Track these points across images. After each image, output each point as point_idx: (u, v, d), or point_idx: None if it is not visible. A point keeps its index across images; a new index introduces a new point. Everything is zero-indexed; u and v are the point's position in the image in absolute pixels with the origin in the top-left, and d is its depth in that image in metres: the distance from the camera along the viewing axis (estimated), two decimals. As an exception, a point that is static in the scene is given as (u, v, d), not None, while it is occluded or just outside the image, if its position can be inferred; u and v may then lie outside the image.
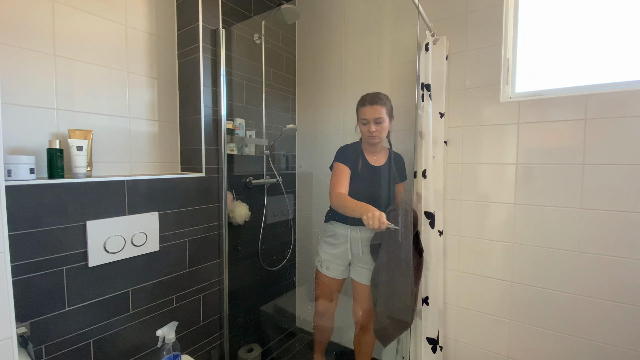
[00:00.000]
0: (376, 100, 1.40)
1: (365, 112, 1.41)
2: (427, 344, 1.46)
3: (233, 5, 1.68)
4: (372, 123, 1.40)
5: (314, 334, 1.73)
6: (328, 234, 1.56)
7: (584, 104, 1.24)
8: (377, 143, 1.47)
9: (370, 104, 1.40)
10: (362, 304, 1.52)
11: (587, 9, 1.29)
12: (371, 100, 1.41)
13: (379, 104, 1.39)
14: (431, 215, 1.44)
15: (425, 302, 1.45)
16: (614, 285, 1.22)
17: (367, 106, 1.41)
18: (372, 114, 1.40)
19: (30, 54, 0.99)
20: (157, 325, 1.15)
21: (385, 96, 1.43)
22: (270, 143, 1.90)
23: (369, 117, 1.40)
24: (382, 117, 1.39)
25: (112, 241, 1.03)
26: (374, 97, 1.41)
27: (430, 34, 1.44)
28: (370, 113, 1.40)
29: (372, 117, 1.40)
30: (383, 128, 1.41)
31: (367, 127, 1.42)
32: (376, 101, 1.40)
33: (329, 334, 1.71)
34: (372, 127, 1.40)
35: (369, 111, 1.40)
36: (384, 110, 1.40)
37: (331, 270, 1.54)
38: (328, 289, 1.57)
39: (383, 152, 1.52)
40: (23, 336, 0.85)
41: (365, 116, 1.41)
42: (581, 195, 1.26)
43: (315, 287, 1.62)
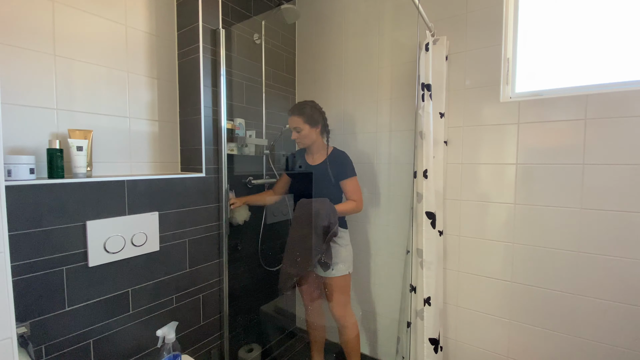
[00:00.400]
0: (294, 110, 1.56)
1: (288, 121, 1.58)
2: (430, 344, 1.46)
3: (233, 5, 1.68)
4: (293, 131, 1.56)
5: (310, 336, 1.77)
6: None
7: (584, 104, 1.24)
8: (303, 147, 1.64)
9: (290, 114, 1.57)
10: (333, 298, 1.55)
11: (587, 9, 1.29)
12: (291, 110, 1.57)
13: (295, 115, 1.54)
14: (432, 215, 1.44)
15: (427, 303, 1.45)
16: (613, 285, 1.22)
17: (289, 116, 1.57)
18: (291, 123, 1.57)
19: (30, 54, 0.99)
20: (157, 325, 1.15)
21: (305, 106, 1.56)
22: (270, 143, 1.90)
23: (290, 126, 1.58)
24: (298, 127, 1.53)
25: (112, 241, 1.03)
26: (293, 108, 1.58)
27: (430, 34, 1.44)
28: (290, 122, 1.57)
29: (291, 126, 1.57)
30: (303, 135, 1.55)
31: (292, 135, 1.59)
32: (293, 112, 1.56)
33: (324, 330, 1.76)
34: (293, 135, 1.58)
35: (289, 120, 1.57)
36: (302, 120, 1.53)
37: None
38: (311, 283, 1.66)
39: (320, 152, 1.61)
40: (23, 336, 0.85)
41: (289, 124, 1.59)
42: (581, 195, 1.26)
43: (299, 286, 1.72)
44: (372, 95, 1.80)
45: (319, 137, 1.60)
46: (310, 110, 1.54)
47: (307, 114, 1.53)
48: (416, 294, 1.50)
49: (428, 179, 1.43)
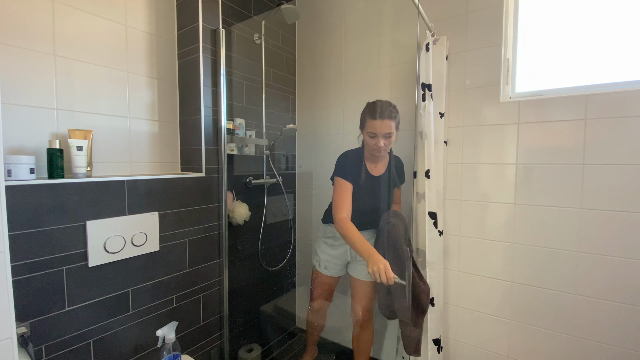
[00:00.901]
0: (387, 114, 1.31)
1: (375, 126, 1.32)
2: (433, 345, 1.46)
3: (233, 5, 1.68)
4: (381, 137, 1.32)
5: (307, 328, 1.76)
6: (327, 235, 1.56)
7: (584, 104, 1.24)
8: (383, 156, 1.44)
9: (381, 118, 1.31)
10: (362, 301, 1.53)
11: (587, 9, 1.29)
12: (382, 113, 1.31)
13: (389, 118, 1.31)
14: (434, 215, 1.44)
15: (431, 304, 1.45)
16: (613, 285, 1.22)
17: (378, 120, 1.31)
18: (382, 129, 1.31)
19: (30, 54, 0.99)
20: (157, 325, 1.15)
21: (395, 108, 1.36)
22: (270, 143, 1.90)
23: (378, 132, 1.32)
24: (392, 132, 1.32)
25: (112, 241, 1.03)
26: (384, 111, 1.32)
27: (430, 34, 1.44)
28: (380, 127, 1.31)
29: (381, 131, 1.32)
30: (391, 142, 1.36)
31: (375, 141, 1.33)
32: (387, 115, 1.31)
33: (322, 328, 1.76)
34: (380, 142, 1.32)
35: (378, 125, 1.31)
36: (394, 124, 1.33)
37: (329, 270, 1.55)
38: (326, 287, 1.59)
39: (384, 160, 1.47)
40: (23, 336, 0.85)
41: (374, 130, 1.32)
42: (581, 195, 1.26)
43: (312, 285, 1.63)
44: (372, 95, 1.80)
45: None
46: (398, 113, 1.35)
47: (399, 118, 1.35)
48: (416, 294, 1.50)
49: (430, 179, 1.43)
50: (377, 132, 1.32)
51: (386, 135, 1.32)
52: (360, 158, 1.45)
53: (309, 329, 1.76)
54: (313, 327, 1.75)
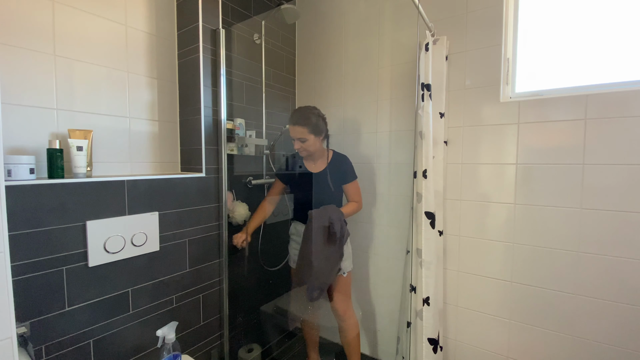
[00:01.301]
0: (297, 120, 1.46)
1: (290, 130, 1.49)
2: (429, 344, 1.46)
3: (233, 5, 1.68)
4: (297, 141, 1.48)
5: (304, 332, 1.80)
6: (292, 232, 1.69)
7: (584, 104, 1.24)
8: (306, 156, 1.57)
9: (292, 123, 1.47)
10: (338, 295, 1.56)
11: (587, 9, 1.29)
12: (294, 119, 1.46)
13: (299, 125, 1.45)
14: (432, 215, 1.44)
15: (425, 303, 1.45)
16: (613, 285, 1.22)
17: (290, 125, 1.48)
18: (294, 134, 1.47)
19: (30, 54, 0.99)
20: (157, 325, 1.15)
21: (310, 114, 1.47)
22: (270, 143, 1.90)
23: (292, 136, 1.49)
24: (303, 137, 1.46)
25: (112, 241, 1.03)
26: (297, 117, 1.46)
27: (430, 34, 1.44)
28: (292, 132, 1.48)
29: (294, 136, 1.48)
30: (308, 145, 1.48)
31: (294, 144, 1.50)
32: (297, 121, 1.45)
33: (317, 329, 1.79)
34: (296, 145, 1.50)
35: (292, 130, 1.48)
36: (307, 130, 1.45)
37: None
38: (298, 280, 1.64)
39: (322, 159, 1.58)
40: (23, 336, 0.85)
41: (291, 134, 1.49)
42: (581, 195, 1.26)
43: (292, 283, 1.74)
44: (372, 95, 1.80)
45: (322, 144, 1.56)
46: (315, 119, 1.47)
47: (313, 124, 1.46)
48: (416, 294, 1.50)
49: (427, 179, 1.43)
50: (293, 136, 1.49)
51: (300, 140, 1.48)
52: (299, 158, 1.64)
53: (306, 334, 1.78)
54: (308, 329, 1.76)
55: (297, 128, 1.46)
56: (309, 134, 1.46)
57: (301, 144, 1.49)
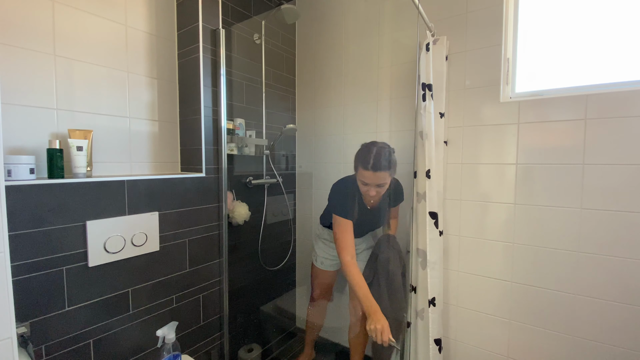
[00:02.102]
0: (380, 166, 1.24)
1: (366, 176, 1.27)
2: (435, 345, 1.46)
3: (233, 5, 1.68)
4: (374, 187, 1.28)
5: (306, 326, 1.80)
6: (324, 237, 1.64)
7: (584, 104, 1.24)
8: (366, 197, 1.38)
9: (373, 170, 1.25)
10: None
11: (587, 9, 1.29)
12: (375, 165, 1.24)
13: (383, 170, 1.25)
14: (435, 215, 1.44)
15: (432, 304, 1.45)
16: (613, 285, 1.22)
17: (370, 171, 1.25)
18: (373, 180, 1.27)
19: (30, 54, 0.99)
20: (157, 325, 1.15)
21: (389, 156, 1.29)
22: (270, 143, 1.90)
23: (370, 182, 1.28)
24: (385, 183, 1.28)
25: (112, 241, 1.03)
26: (377, 162, 1.24)
27: (430, 34, 1.44)
28: (371, 179, 1.27)
29: (374, 182, 1.28)
30: (384, 189, 1.31)
31: (367, 189, 1.30)
32: (380, 167, 1.24)
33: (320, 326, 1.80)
34: (372, 192, 1.29)
35: (370, 177, 1.26)
36: (388, 174, 1.27)
37: (325, 265, 1.64)
38: (323, 281, 1.66)
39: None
40: (23, 336, 0.85)
41: (366, 180, 1.28)
42: (581, 195, 1.26)
43: (311, 278, 1.72)
44: (372, 95, 1.80)
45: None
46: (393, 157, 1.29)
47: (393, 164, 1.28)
48: (416, 294, 1.50)
49: (431, 179, 1.43)
50: (369, 182, 1.28)
51: (379, 185, 1.29)
52: (356, 190, 1.40)
53: (308, 327, 1.78)
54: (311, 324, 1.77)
55: (379, 174, 1.24)
56: (390, 176, 1.29)
57: (378, 189, 1.28)
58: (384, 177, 1.27)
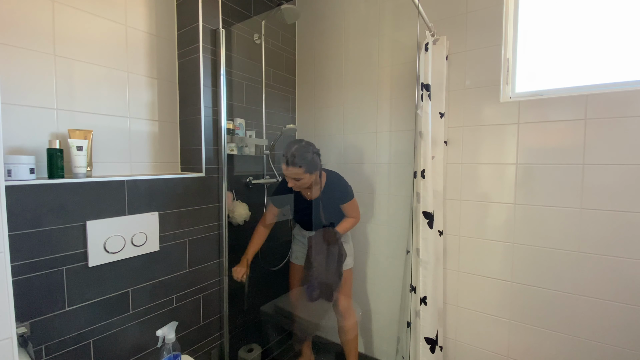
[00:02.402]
0: (293, 161, 1.40)
1: (283, 169, 1.45)
2: (426, 344, 1.46)
3: (233, 5, 1.68)
4: (292, 180, 1.44)
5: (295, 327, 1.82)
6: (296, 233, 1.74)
7: (584, 104, 1.24)
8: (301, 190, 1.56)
9: (286, 165, 1.42)
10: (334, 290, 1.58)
11: (587, 9, 1.29)
12: (288, 160, 1.41)
13: (295, 166, 1.40)
14: (429, 215, 1.44)
15: (423, 302, 1.45)
16: (614, 285, 1.22)
17: (284, 165, 1.43)
18: (288, 173, 1.43)
19: (30, 54, 0.99)
20: (157, 325, 1.15)
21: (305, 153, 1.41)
22: (270, 143, 1.90)
23: (286, 175, 1.45)
24: (300, 177, 1.42)
25: (112, 241, 1.03)
26: (289, 155, 1.40)
27: (430, 34, 1.44)
28: (286, 171, 1.43)
29: (289, 175, 1.44)
30: (303, 183, 1.45)
31: (288, 181, 1.46)
32: (292, 162, 1.40)
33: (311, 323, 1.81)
34: (290, 183, 1.46)
35: (285, 170, 1.43)
36: (302, 171, 1.41)
37: (299, 259, 1.69)
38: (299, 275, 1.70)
39: (316, 186, 1.55)
40: (23, 336, 0.85)
41: (284, 172, 1.45)
42: (581, 195, 1.26)
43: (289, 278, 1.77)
44: (372, 95, 1.80)
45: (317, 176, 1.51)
46: (310, 156, 1.42)
47: (308, 163, 1.41)
48: (416, 294, 1.50)
49: (425, 179, 1.43)
50: (285, 174, 1.46)
51: (296, 179, 1.43)
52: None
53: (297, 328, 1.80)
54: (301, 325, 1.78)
55: (291, 169, 1.41)
56: (304, 173, 1.42)
57: (296, 182, 1.45)
58: (296, 172, 1.41)
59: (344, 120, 1.92)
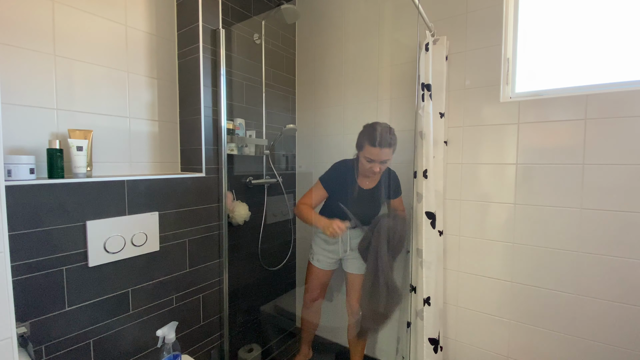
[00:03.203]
0: (387, 142, 1.36)
1: (373, 153, 1.37)
2: (429, 344, 1.46)
3: (233, 5, 1.68)
4: (378, 163, 1.38)
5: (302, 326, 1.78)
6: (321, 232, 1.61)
7: (584, 104, 1.24)
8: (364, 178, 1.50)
9: (380, 146, 1.35)
10: (356, 294, 1.57)
11: (587, 9, 1.29)
12: (381, 141, 1.36)
13: (388, 146, 1.37)
14: (432, 215, 1.44)
15: (427, 303, 1.45)
16: (614, 285, 1.22)
17: (377, 148, 1.36)
18: (380, 156, 1.37)
19: (30, 54, 0.99)
20: (157, 325, 1.15)
21: (393, 133, 1.40)
22: (270, 143, 1.90)
23: (376, 159, 1.38)
24: (389, 159, 1.39)
25: (112, 241, 1.03)
26: (384, 139, 1.36)
27: (430, 34, 1.44)
28: (378, 155, 1.37)
29: (379, 159, 1.38)
30: (386, 166, 1.43)
31: (371, 166, 1.39)
32: (387, 143, 1.36)
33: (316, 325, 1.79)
34: (376, 168, 1.38)
35: (376, 153, 1.36)
36: (392, 151, 1.39)
37: (321, 263, 1.62)
38: (318, 280, 1.66)
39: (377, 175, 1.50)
40: (23, 336, 0.85)
41: (372, 156, 1.38)
42: (581, 195, 1.26)
43: (306, 277, 1.70)
44: (372, 95, 1.80)
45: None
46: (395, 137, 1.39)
47: (395, 142, 1.39)
48: (416, 294, 1.50)
49: (428, 179, 1.43)
50: (375, 159, 1.38)
51: (383, 162, 1.40)
52: (354, 172, 1.51)
53: (304, 326, 1.78)
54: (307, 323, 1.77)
55: (385, 151, 1.35)
56: (392, 153, 1.39)
57: (382, 165, 1.39)
58: (387, 153, 1.38)
59: (344, 120, 1.92)
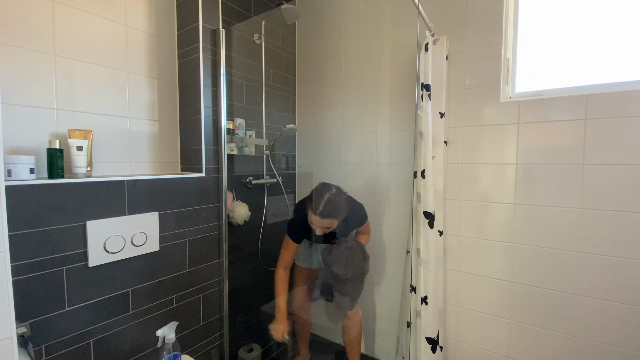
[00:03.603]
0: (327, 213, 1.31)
1: (313, 220, 1.34)
2: (427, 343, 1.46)
3: (233, 5, 1.68)
4: (319, 228, 1.37)
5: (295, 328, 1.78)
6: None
7: (584, 104, 1.24)
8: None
9: (320, 216, 1.31)
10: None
11: (587, 9, 1.29)
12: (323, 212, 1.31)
13: (329, 218, 1.32)
14: (430, 215, 1.44)
15: (424, 302, 1.45)
16: (614, 285, 1.22)
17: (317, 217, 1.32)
18: (320, 224, 1.34)
19: (30, 54, 0.99)
20: (157, 325, 1.15)
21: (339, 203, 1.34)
22: (270, 143, 1.90)
23: (317, 225, 1.35)
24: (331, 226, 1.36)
25: (112, 241, 1.03)
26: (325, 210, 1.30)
27: (430, 34, 1.44)
28: (319, 222, 1.34)
29: (321, 225, 1.35)
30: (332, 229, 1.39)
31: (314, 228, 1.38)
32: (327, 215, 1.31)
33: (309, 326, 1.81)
34: (318, 231, 1.38)
35: (317, 221, 1.33)
36: (335, 221, 1.34)
37: (306, 262, 1.69)
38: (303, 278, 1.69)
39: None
40: (23, 336, 0.85)
41: (313, 223, 1.36)
42: (581, 195, 1.26)
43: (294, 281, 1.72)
44: (372, 95, 1.80)
45: None
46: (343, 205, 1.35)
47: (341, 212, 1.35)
48: (416, 294, 1.50)
49: (426, 179, 1.43)
50: (316, 224, 1.36)
51: (325, 228, 1.37)
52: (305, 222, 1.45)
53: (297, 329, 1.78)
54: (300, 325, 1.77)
55: (325, 221, 1.32)
56: (337, 222, 1.36)
57: (325, 229, 1.38)
58: (330, 223, 1.35)
59: (344, 120, 1.92)
